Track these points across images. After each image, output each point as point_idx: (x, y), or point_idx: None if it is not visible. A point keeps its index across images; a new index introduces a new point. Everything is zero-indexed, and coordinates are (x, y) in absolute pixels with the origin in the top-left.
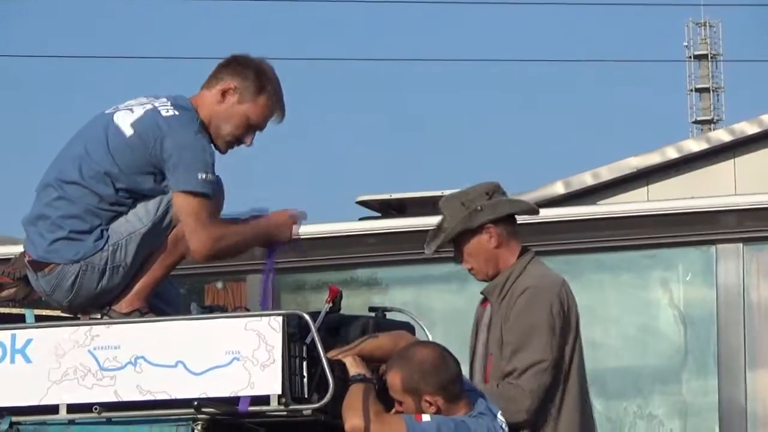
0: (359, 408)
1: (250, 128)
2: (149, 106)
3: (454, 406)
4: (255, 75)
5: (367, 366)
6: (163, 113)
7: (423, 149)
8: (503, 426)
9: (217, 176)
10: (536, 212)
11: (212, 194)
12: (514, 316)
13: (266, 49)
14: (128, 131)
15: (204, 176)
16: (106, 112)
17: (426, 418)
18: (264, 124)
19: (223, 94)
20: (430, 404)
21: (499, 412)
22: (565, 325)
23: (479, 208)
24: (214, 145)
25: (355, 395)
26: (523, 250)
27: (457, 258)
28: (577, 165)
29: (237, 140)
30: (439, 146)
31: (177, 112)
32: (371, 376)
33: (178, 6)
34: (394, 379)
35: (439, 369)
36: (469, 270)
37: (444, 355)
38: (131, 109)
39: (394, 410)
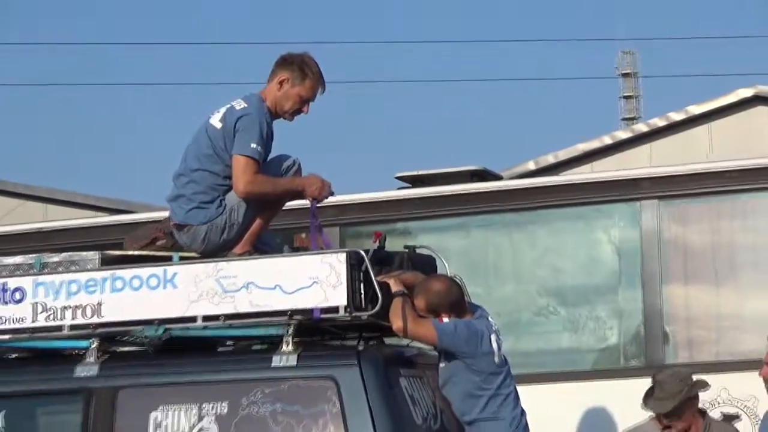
0: (400, 313)
1: (303, 102)
2: (228, 106)
3: (463, 312)
4: (299, 66)
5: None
6: (237, 108)
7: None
8: (494, 325)
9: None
10: (706, 385)
11: (259, 158)
12: None
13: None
14: (218, 125)
15: (255, 146)
16: (207, 118)
17: (446, 320)
18: (313, 97)
19: (280, 83)
20: (447, 315)
21: (489, 315)
22: None
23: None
24: (283, 118)
25: (397, 305)
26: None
27: (671, 421)
28: (543, 148)
29: (297, 111)
30: (440, 130)
31: (246, 105)
32: (407, 293)
33: None
34: (420, 303)
35: (448, 294)
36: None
37: (451, 284)
38: (218, 111)
39: None
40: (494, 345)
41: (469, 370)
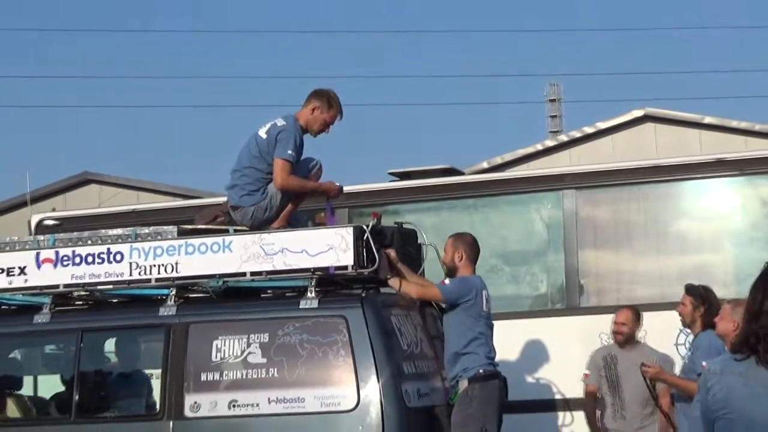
0: (412, 285)
1: (327, 125)
2: (272, 122)
3: (470, 264)
4: (327, 98)
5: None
6: (278, 124)
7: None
8: (486, 287)
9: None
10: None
11: (293, 161)
12: None
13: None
14: (264, 136)
15: (291, 152)
16: (256, 130)
17: (447, 281)
18: (333, 122)
19: (313, 110)
20: (460, 254)
21: (481, 278)
22: None
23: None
24: (310, 134)
25: (406, 281)
26: None
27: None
28: (493, 151)
29: (321, 131)
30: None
31: (285, 123)
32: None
33: None
34: (449, 242)
35: (473, 246)
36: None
37: (474, 238)
38: (264, 126)
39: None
40: (483, 298)
41: (464, 313)
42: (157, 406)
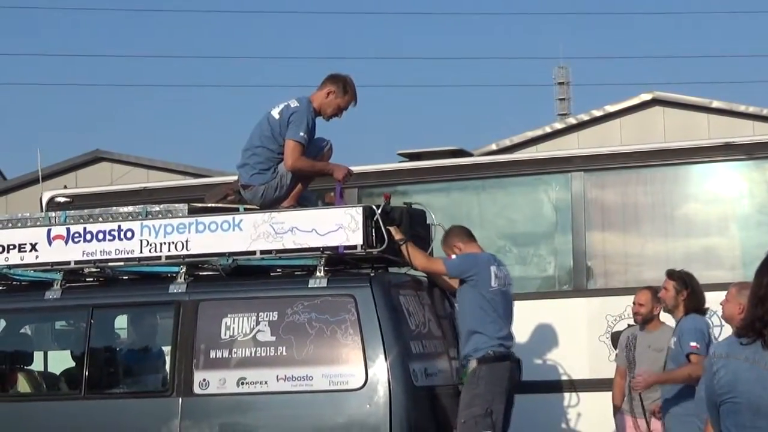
0: (419, 256)
1: (340, 110)
2: (286, 103)
3: (470, 244)
4: (343, 84)
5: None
6: (292, 105)
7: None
8: (500, 263)
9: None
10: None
11: (304, 143)
12: None
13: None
14: (277, 116)
15: (302, 134)
16: (268, 110)
17: (453, 257)
18: (347, 107)
19: (328, 93)
20: (458, 246)
21: (501, 261)
22: None
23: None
24: (323, 118)
25: (413, 251)
26: None
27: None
28: (502, 134)
29: (334, 116)
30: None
31: (298, 104)
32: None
33: None
34: (442, 248)
35: (457, 228)
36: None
37: (455, 225)
38: (278, 106)
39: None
40: (492, 273)
41: (473, 290)
42: (167, 383)
